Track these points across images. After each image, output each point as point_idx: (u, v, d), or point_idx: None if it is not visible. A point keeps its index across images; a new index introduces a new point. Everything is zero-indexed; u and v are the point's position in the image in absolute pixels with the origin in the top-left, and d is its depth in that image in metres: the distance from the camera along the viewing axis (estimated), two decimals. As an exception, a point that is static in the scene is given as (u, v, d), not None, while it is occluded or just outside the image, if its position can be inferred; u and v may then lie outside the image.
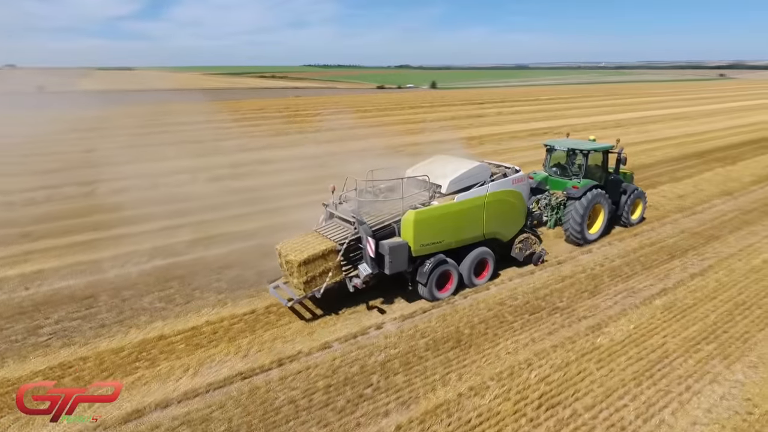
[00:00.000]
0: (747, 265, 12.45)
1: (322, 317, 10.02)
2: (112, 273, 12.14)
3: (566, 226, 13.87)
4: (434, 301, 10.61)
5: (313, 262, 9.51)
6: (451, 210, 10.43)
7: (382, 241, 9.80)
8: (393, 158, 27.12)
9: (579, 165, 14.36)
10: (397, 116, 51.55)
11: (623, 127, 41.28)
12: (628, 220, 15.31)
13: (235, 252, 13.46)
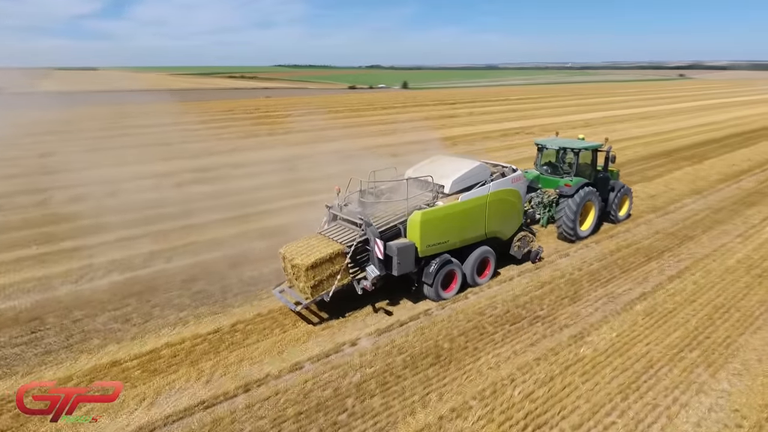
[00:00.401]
0: (722, 266, 12.43)
1: (293, 332, 9.38)
2: (63, 290, 11.18)
3: (559, 223, 14.08)
4: (439, 300, 10.57)
5: (321, 266, 9.30)
6: (456, 210, 10.46)
7: (389, 243, 9.72)
8: (368, 160, 26.55)
9: (570, 163, 14.71)
10: (370, 117, 51.05)
11: (592, 127, 41.83)
12: (616, 217, 15.64)
13: (200, 264, 12.67)
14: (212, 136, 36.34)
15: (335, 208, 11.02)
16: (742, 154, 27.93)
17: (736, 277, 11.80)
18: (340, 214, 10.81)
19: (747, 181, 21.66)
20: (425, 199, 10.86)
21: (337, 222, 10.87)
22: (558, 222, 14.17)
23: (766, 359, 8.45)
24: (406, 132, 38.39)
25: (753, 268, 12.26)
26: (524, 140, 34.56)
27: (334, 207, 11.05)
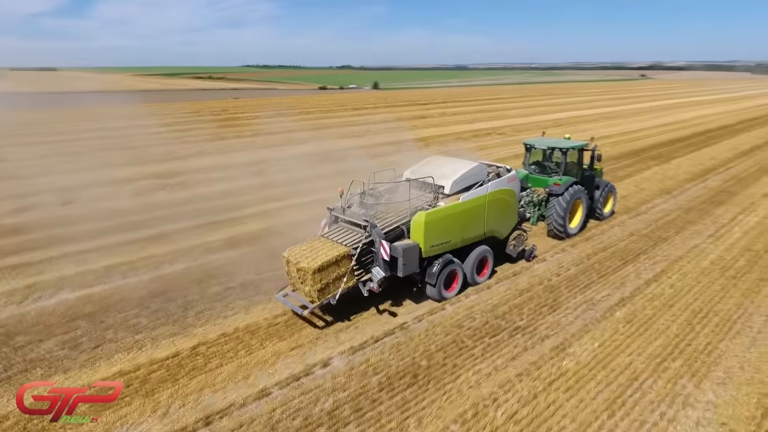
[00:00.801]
0: (697, 268, 12.38)
1: (260, 353, 8.72)
2: (5, 313, 10.19)
3: (549, 221, 14.35)
4: (442, 300, 10.63)
5: (327, 269, 9.25)
6: (458, 210, 10.55)
7: (394, 244, 9.74)
8: (340, 163, 25.96)
9: (557, 163, 15.03)
10: (341, 118, 50.34)
11: (562, 126, 42.27)
12: (602, 214, 16.04)
13: (160, 279, 11.83)
14: (177, 139, 34.99)
15: (337, 210, 10.88)
16: (706, 153, 28.57)
17: (712, 279, 11.75)
18: (343, 216, 10.67)
19: (713, 180, 22.04)
20: (426, 200, 10.95)
21: (339, 224, 10.76)
22: (548, 220, 14.42)
23: (747, 366, 8.30)
24: (379, 133, 37.93)
25: (727, 270, 12.26)
26: (496, 141, 34.61)
27: (336, 209, 10.92)
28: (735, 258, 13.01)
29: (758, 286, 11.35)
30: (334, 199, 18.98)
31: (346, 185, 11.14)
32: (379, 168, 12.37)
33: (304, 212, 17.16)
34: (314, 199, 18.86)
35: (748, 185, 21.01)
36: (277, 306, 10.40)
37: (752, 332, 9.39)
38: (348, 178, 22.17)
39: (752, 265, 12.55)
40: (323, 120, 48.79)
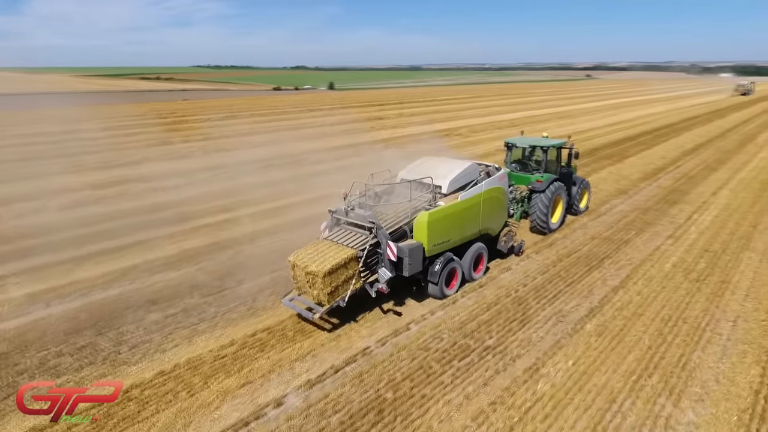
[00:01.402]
0: (660, 272, 12.25)
1: (203, 395, 7.68)
2: None
3: (533, 217, 14.79)
4: (443, 298, 10.80)
5: (336, 272, 9.22)
6: (457, 209, 10.79)
7: (400, 244, 9.82)
8: (295, 168, 24.84)
9: (538, 161, 15.68)
10: (296, 120, 48.92)
11: (518, 126, 42.69)
12: (578, 209, 16.79)
13: (89, 307, 10.50)
14: (118, 145, 32.68)
15: (339, 212, 10.76)
16: (655, 152, 29.36)
17: (676, 283, 11.61)
18: (346, 219, 10.58)
19: (665, 179, 22.50)
20: (425, 199, 11.07)
21: (341, 227, 10.69)
22: (532, 216, 14.84)
23: (722, 379, 8.02)
24: (336, 135, 36.96)
25: (689, 273, 12.19)
26: (454, 142, 34.36)
27: (339, 211, 10.79)
28: (695, 260, 13.00)
29: (721, 289, 11.28)
30: (290, 208, 18.07)
31: (301, 192, 10.26)
32: (336, 172, 11.52)
33: (258, 223, 16.08)
34: (268, 208, 17.81)
35: (697, 183, 21.54)
36: (225, 334, 9.37)
37: (722, 340, 9.20)
38: (304, 183, 21.13)
39: (712, 267, 12.55)
40: (278, 122, 47.24)
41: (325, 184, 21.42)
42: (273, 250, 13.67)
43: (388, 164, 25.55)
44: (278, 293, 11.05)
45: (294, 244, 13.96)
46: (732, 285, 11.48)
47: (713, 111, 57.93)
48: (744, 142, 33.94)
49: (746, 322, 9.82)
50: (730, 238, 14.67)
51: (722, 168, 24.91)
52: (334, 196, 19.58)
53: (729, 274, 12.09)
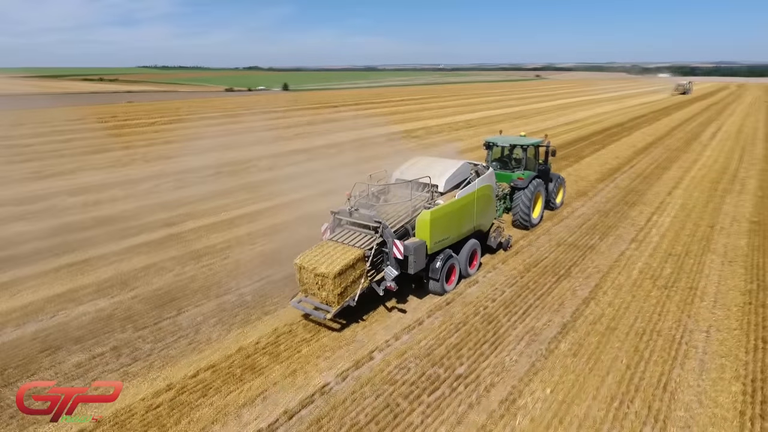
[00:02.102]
0: (629, 280, 11.91)
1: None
2: None
3: (516, 212, 15.27)
4: (443, 293, 11.04)
5: (345, 272, 9.24)
6: (456, 207, 11.05)
7: (405, 243, 10.00)
8: (245, 176, 23.40)
9: (517, 159, 16.28)
10: (248, 123, 47.00)
11: (474, 128, 42.73)
12: (555, 204, 17.52)
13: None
14: (50, 152, 30.10)
15: (343, 213, 10.70)
16: (609, 152, 29.81)
17: (645, 291, 11.28)
18: (350, 219, 10.57)
19: (621, 179, 22.67)
20: (423, 198, 11.42)
21: (344, 227, 10.67)
22: (514, 212, 15.30)
23: (705, 400, 7.58)
24: (290, 139, 35.65)
25: (657, 279, 11.91)
26: (411, 144, 33.73)
27: (342, 212, 10.73)
28: (660, 265, 12.78)
29: (689, 296, 11.03)
30: (240, 221, 16.75)
31: (252, 202, 9.20)
32: (289, 178, 10.50)
33: (204, 239, 14.74)
34: (216, 222, 16.51)
35: (652, 183, 21.80)
36: (161, 376, 8.13)
37: (698, 353, 8.82)
38: (255, 192, 19.81)
39: (678, 271, 12.35)
40: (229, 125, 45.17)
41: (279, 191, 20.26)
42: (218, 271, 12.46)
43: (344, 169, 24.60)
44: (225, 321, 9.90)
45: (245, 263, 12.87)
46: (700, 291, 11.26)
47: (657, 110, 60.32)
48: (690, 140, 35.17)
49: (719, 332, 9.53)
50: (691, 239, 14.64)
51: (673, 167, 25.47)
52: (288, 206, 18.51)
53: (695, 279, 11.91)
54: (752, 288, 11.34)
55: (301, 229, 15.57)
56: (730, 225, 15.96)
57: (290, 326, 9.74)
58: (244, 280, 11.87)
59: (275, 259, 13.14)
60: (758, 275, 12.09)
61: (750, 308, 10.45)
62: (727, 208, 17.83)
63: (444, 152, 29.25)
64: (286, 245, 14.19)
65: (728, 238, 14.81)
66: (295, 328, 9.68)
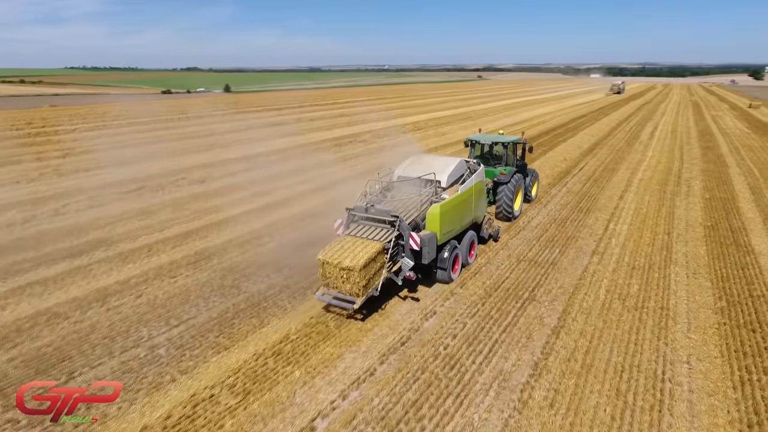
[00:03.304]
0: (597, 301, 10.94)
1: None
2: None
3: (500, 205, 16.31)
4: (450, 282, 11.74)
5: (369, 265, 9.62)
6: (459, 200, 11.78)
7: (420, 235, 10.48)
8: (170, 191, 20.93)
9: (497, 155, 17.44)
10: (182, 128, 43.76)
11: (422, 130, 41.81)
12: (531, 196, 18.77)
13: None
14: (-58, 167, 26.04)
15: (358, 209, 11.14)
16: (557, 154, 29.59)
17: (616, 314, 10.33)
18: (366, 215, 11.03)
19: (572, 183, 22.21)
20: (428, 193, 11.98)
21: (359, 222, 11.12)
22: (498, 204, 16.34)
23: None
24: (227, 146, 33.09)
25: (625, 299, 11.02)
26: (358, 149, 32.20)
27: (357, 209, 11.16)
28: (626, 281, 11.96)
29: (662, 318, 10.17)
30: (163, 246, 14.52)
31: (178, 222, 7.31)
32: (224, 191, 8.62)
33: (117, 271, 12.45)
34: (132, 248, 14.23)
35: (603, 187, 21.45)
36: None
37: (685, 392, 7.85)
38: (183, 210, 17.54)
39: (646, 288, 11.55)
40: (160, 131, 41.80)
41: (210, 208, 18.17)
42: (129, 315, 10.37)
43: (286, 179, 22.66)
44: (128, 389, 7.93)
45: (163, 302, 10.80)
46: (671, 311, 10.44)
47: (596, 110, 62.21)
48: (631, 140, 35.85)
49: (701, 362, 8.65)
50: (651, 249, 14.02)
51: (620, 168, 25.44)
52: (221, 225, 16.44)
53: (664, 297, 11.12)
54: (723, 306, 10.65)
55: (233, 254, 13.73)
56: (686, 231, 15.57)
57: (212, 389, 7.92)
58: (159, 326, 9.88)
59: (200, 295, 11.23)
60: (725, 289, 11.49)
61: (726, 330, 9.70)
62: (680, 212, 17.56)
63: (395, 157, 27.92)
64: (215, 275, 12.31)
65: (687, 245, 14.32)
66: (218, 392, 7.87)
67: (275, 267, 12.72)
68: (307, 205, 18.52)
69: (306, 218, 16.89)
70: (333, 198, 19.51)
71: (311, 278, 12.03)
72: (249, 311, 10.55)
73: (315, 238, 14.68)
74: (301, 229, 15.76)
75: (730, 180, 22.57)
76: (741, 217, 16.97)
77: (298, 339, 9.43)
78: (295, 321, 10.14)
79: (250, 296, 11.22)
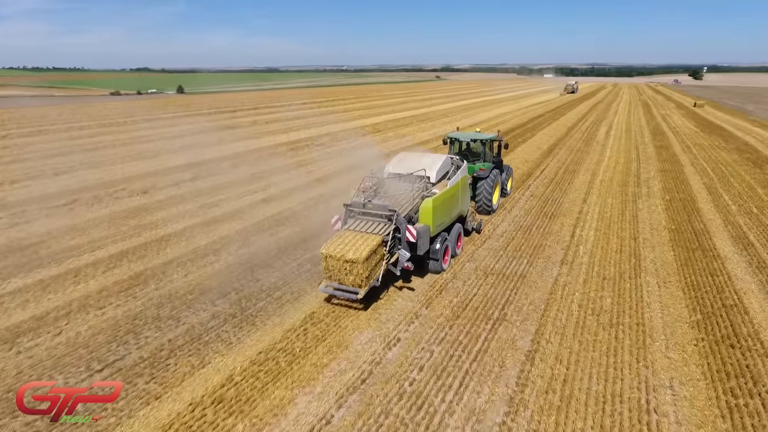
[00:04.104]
0: (570, 319, 10.25)
1: None
2: None
3: (480, 199, 16.98)
4: (441, 271, 12.26)
5: (370, 257, 10.05)
6: (449, 195, 12.38)
7: (416, 228, 11.15)
8: (108, 204, 19.03)
9: (476, 152, 18.13)
10: (127, 132, 41.04)
11: (382, 132, 40.90)
12: (506, 191, 19.55)
13: None
14: None
15: (356, 205, 11.43)
16: (518, 155, 29.26)
17: (591, 333, 9.66)
18: (364, 210, 11.34)
19: (535, 186, 21.81)
20: (419, 188, 12.35)
21: (356, 217, 11.40)
22: (478, 198, 16.97)
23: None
24: (175, 152, 31.02)
25: (599, 314, 10.40)
26: (315, 153, 30.88)
27: (355, 204, 11.44)
28: (598, 293, 11.37)
29: (638, 335, 9.58)
30: (94, 269, 12.81)
31: (111, 239, 6.02)
32: (169, 203, 7.29)
33: (35, 304, 10.79)
34: (58, 274, 12.51)
35: (565, 190, 21.13)
36: None
37: (672, 424, 7.18)
38: (120, 227, 15.91)
39: (619, 301, 10.97)
40: (102, 136, 39.02)
41: (150, 223, 16.60)
42: (42, 359, 8.84)
43: (236, 188, 21.16)
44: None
45: (86, 340, 9.21)
46: (647, 327, 9.87)
47: (552, 110, 63.18)
48: (588, 140, 36.20)
49: (684, 386, 8.04)
50: (620, 257, 13.57)
51: (581, 170, 25.32)
52: (161, 244, 14.88)
53: (638, 310, 10.56)
54: (699, 319, 10.18)
55: (174, 276, 12.36)
56: (652, 235, 15.28)
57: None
58: (78, 373, 8.43)
59: (131, 329, 9.83)
60: (698, 299, 11.07)
61: (705, 347, 9.18)
62: (643, 215, 17.34)
63: (353, 163, 26.80)
64: (151, 303, 10.91)
65: (654, 251, 13.97)
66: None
67: (220, 292, 11.40)
68: (258, 218, 17.17)
69: (257, 233, 15.56)
70: (287, 208, 18.29)
71: (261, 303, 10.82)
72: (188, 347, 9.23)
73: (267, 256, 13.46)
74: (251, 245, 14.43)
75: (687, 180, 22.79)
76: (702, 218, 16.90)
77: (243, 381, 8.22)
78: (241, 357, 8.92)
79: (190, 328, 9.88)
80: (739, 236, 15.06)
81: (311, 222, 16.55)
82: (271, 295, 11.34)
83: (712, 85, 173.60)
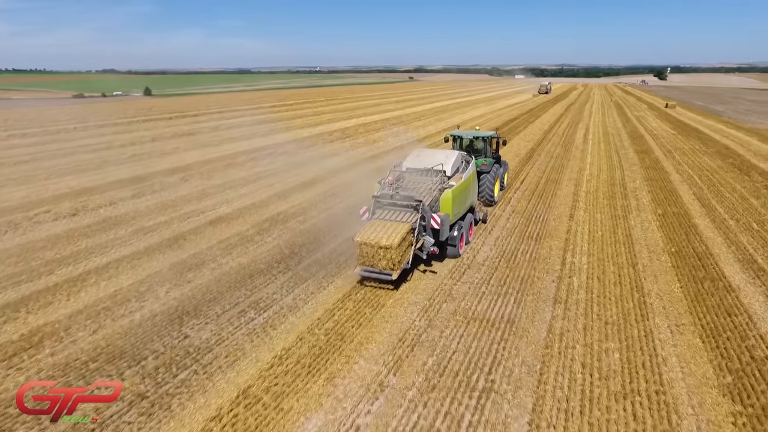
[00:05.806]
0: (573, 386, 8.16)
1: None
2: None
3: (482, 192, 18.01)
4: (458, 256, 13.49)
5: (401, 243, 11.10)
6: (464, 186, 13.70)
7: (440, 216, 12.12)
8: (29, 229, 16.13)
9: (477, 149, 19.29)
10: (76, 140, 37.63)
11: (351, 138, 38.60)
12: (504, 184, 20.86)
13: None
14: None
15: (384, 196, 12.50)
16: (495, 163, 27.44)
17: (602, 409, 7.56)
18: (391, 201, 12.37)
19: (516, 200, 19.83)
20: (437, 181, 13.31)
21: (384, 208, 12.43)
22: (481, 191, 17.93)
23: None
24: (121, 164, 28.16)
25: (608, 377, 8.34)
26: (278, 163, 28.25)
27: (383, 195, 12.52)
28: (603, 345, 9.34)
29: (660, 410, 7.56)
30: None
31: (27, 276, 3.39)
32: (100, 228, 4.63)
33: None
34: None
35: (550, 204, 19.24)
36: None
37: None
38: (32, 262, 13.32)
39: (629, 357, 8.95)
40: (45, 145, 35.64)
41: (73, 255, 14.01)
42: None
43: (183, 206, 18.53)
44: None
45: None
46: (670, 397, 7.88)
47: (526, 112, 61.98)
48: (566, 144, 34.69)
49: (733, 497, 6.06)
50: (620, 291, 11.65)
51: (563, 179, 23.54)
52: (86, 281, 12.26)
53: (654, 370, 8.58)
54: (729, 383, 8.27)
55: (80, 334, 9.80)
56: (651, 261, 13.45)
57: None
58: None
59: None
60: (720, 350, 9.18)
61: (745, 425, 7.25)
62: (637, 234, 15.56)
63: (321, 173, 24.38)
64: (38, 377, 8.27)
65: (657, 282, 12.12)
66: None
67: (134, 356, 8.95)
68: (201, 246, 14.65)
69: (196, 267, 13.08)
70: (238, 232, 15.84)
71: (184, 375, 8.42)
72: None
73: (202, 299, 11.04)
74: (185, 285, 11.98)
75: (676, 190, 21.25)
76: (701, 237, 15.23)
77: None
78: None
79: (73, 426, 7.39)
80: (747, 260, 13.39)
81: (264, 250, 14.20)
82: (199, 360, 8.95)
83: (676, 85, 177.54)
